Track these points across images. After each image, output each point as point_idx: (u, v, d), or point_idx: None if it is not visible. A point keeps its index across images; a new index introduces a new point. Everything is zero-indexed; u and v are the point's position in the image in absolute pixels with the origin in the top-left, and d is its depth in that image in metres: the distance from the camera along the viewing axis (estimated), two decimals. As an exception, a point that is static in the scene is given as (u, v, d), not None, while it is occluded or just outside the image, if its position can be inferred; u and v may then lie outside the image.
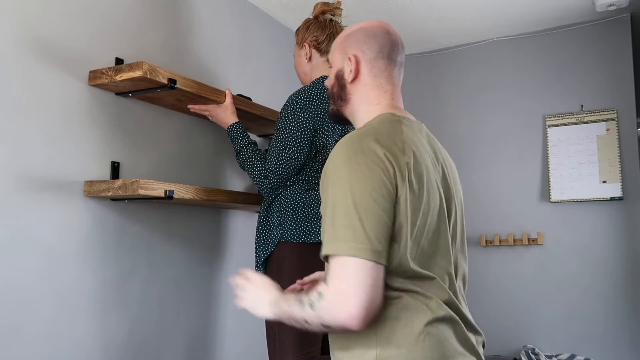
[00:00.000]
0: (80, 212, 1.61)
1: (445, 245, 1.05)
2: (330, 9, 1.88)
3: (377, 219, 0.93)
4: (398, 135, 1.04)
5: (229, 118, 1.85)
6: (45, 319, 1.50)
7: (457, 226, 1.13)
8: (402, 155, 1.00)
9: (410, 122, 1.12)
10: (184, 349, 1.96)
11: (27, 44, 1.49)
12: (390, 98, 1.16)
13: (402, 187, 0.97)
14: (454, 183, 1.15)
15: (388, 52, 1.16)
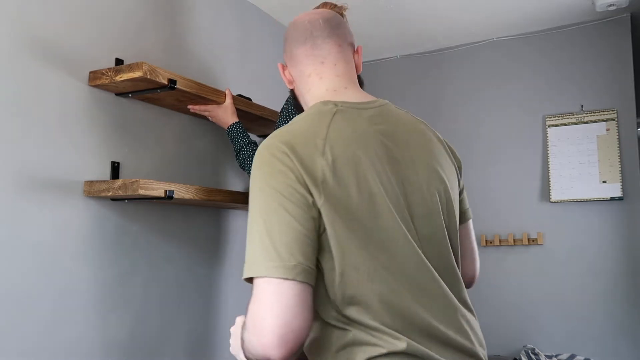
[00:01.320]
0: (80, 212, 1.61)
1: (403, 253, 0.90)
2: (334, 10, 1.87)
3: (288, 232, 0.81)
4: (319, 132, 0.91)
5: (229, 118, 1.86)
6: (45, 319, 1.50)
7: (433, 224, 0.96)
8: (318, 158, 0.87)
9: (347, 107, 0.98)
10: (184, 348, 1.97)
11: (27, 44, 1.50)
12: (317, 79, 1.05)
13: (319, 195, 0.84)
14: (426, 170, 0.99)
15: (305, 36, 1.06)
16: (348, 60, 1.08)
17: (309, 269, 0.82)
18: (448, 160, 1.06)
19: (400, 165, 0.95)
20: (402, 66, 3.24)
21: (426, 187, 0.96)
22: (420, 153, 0.99)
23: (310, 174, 0.85)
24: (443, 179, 1.00)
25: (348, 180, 0.87)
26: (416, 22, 2.76)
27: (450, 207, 1.00)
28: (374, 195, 0.89)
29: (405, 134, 1.00)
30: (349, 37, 1.10)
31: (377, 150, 0.93)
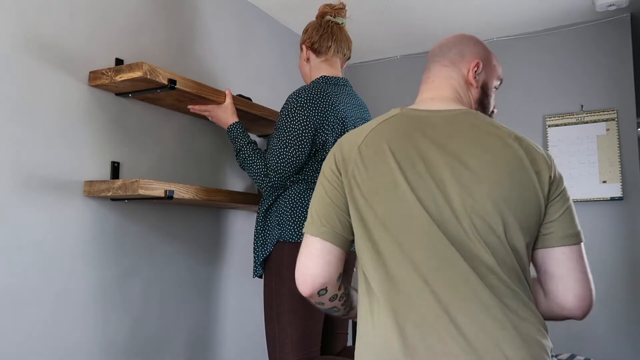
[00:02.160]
0: (80, 212, 1.61)
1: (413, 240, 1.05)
2: (331, 11, 1.88)
3: (323, 203, 1.08)
4: (368, 128, 1.11)
5: (229, 118, 1.86)
6: (45, 319, 1.50)
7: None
8: (355, 148, 1.08)
9: (408, 112, 1.15)
10: (184, 348, 1.97)
11: (27, 44, 1.50)
12: (420, 93, 1.22)
13: (346, 178, 1.07)
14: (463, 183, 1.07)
15: (429, 60, 1.25)
16: (450, 76, 1.17)
17: (334, 232, 1.06)
18: (519, 180, 1.00)
19: (435, 169, 1.01)
20: (402, 66, 3.24)
21: (457, 195, 0.99)
22: (467, 160, 1.01)
23: (345, 164, 1.07)
24: (481, 198, 0.98)
25: (375, 169, 1.04)
26: (416, 22, 2.76)
27: (485, 226, 0.98)
28: (395, 184, 1.01)
29: (460, 141, 1.03)
30: (465, 56, 1.18)
31: (408, 150, 1.03)
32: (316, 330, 1.67)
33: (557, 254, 1.03)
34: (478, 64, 1.17)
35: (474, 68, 1.16)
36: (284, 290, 1.65)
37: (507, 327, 0.92)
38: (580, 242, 1.04)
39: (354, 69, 3.38)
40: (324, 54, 1.85)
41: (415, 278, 0.95)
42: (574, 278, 1.03)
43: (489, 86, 1.20)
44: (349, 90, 1.86)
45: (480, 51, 1.20)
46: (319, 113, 1.69)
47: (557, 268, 1.03)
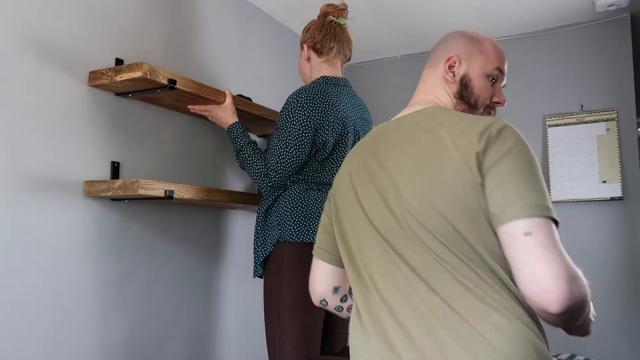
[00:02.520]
0: (81, 212, 1.61)
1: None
2: (334, 11, 1.88)
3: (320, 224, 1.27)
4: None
5: (229, 118, 1.86)
6: (45, 319, 1.50)
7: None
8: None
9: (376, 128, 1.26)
10: (184, 348, 1.97)
11: (27, 44, 1.50)
12: None
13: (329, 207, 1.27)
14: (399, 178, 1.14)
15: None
16: (431, 79, 1.18)
17: (320, 251, 1.22)
18: (441, 167, 0.96)
19: (376, 179, 1.07)
20: (402, 66, 3.24)
21: (393, 195, 1.03)
22: (397, 162, 1.05)
23: (334, 189, 1.20)
24: (400, 186, 1.01)
25: (344, 189, 1.15)
26: (416, 22, 2.76)
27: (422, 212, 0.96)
28: (352, 209, 1.11)
29: (395, 143, 1.08)
30: (444, 53, 1.17)
31: (361, 166, 1.12)
32: (316, 330, 1.67)
33: (501, 235, 0.89)
34: (450, 58, 1.15)
35: (447, 63, 1.15)
36: (284, 290, 1.65)
37: (449, 325, 0.89)
38: (527, 216, 0.86)
39: (354, 69, 3.38)
40: (325, 55, 1.85)
41: (372, 289, 1.02)
42: (523, 260, 0.86)
43: (471, 77, 1.14)
44: (349, 90, 1.86)
45: (461, 44, 1.16)
46: (319, 113, 1.69)
47: (507, 252, 0.89)
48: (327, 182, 1.74)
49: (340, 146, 1.75)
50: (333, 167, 1.75)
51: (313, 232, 1.66)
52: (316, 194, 1.71)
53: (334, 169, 1.75)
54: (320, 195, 1.72)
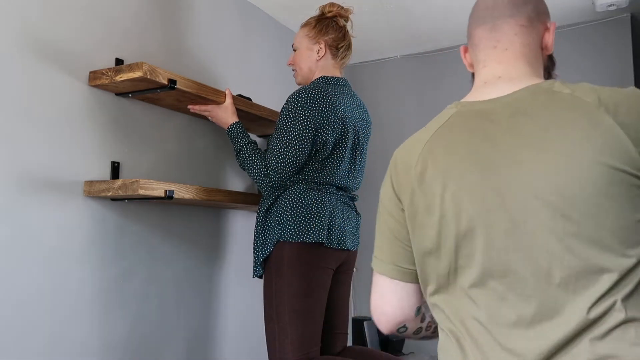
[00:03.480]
0: (81, 212, 1.61)
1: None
2: (346, 15, 1.89)
3: (385, 235, 1.03)
4: (423, 139, 0.98)
5: (229, 118, 1.86)
6: (45, 319, 1.50)
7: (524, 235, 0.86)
8: (412, 168, 0.97)
9: (467, 109, 0.97)
10: (184, 348, 1.97)
11: (28, 44, 1.50)
12: (481, 67, 1.00)
13: (405, 204, 0.99)
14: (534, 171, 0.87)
15: (486, 14, 1.00)
16: (527, 43, 0.94)
17: (400, 269, 0.97)
18: (588, 136, 0.77)
19: (499, 173, 0.83)
20: (402, 66, 3.24)
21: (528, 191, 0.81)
22: (527, 153, 0.81)
23: (402, 189, 0.94)
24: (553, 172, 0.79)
25: (433, 191, 0.88)
26: (416, 22, 2.76)
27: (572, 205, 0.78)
28: (458, 208, 0.85)
29: (526, 129, 0.83)
30: (541, 15, 0.96)
31: (470, 159, 0.86)
32: (316, 330, 1.67)
33: None
34: (555, 26, 0.97)
35: (553, 30, 0.97)
36: (284, 290, 1.65)
37: None
38: None
39: (354, 69, 3.38)
40: (338, 58, 1.87)
41: None
42: None
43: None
44: (349, 90, 1.86)
45: (547, 8, 0.99)
46: (320, 113, 1.69)
47: None
48: (327, 182, 1.74)
49: (340, 146, 1.76)
50: (333, 167, 1.75)
51: (313, 232, 1.66)
52: (316, 193, 1.71)
53: (334, 168, 1.75)
54: (320, 195, 1.72)
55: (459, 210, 0.85)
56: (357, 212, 1.90)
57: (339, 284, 1.84)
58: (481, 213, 0.83)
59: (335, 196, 1.77)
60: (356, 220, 1.87)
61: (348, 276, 1.89)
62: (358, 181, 1.87)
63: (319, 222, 1.67)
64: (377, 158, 3.23)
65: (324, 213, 1.69)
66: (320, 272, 1.69)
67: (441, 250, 0.88)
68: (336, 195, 1.77)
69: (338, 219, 1.74)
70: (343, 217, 1.77)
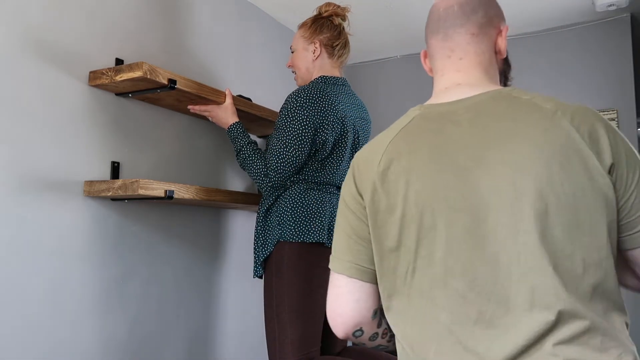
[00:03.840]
0: (80, 212, 1.61)
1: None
2: (342, 13, 1.89)
3: (344, 234, 1.01)
4: (384, 142, 0.98)
5: (229, 118, 1.86)
6: (45, 319, 1.50)
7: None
8: (373, 168, 0.97)
9: (430, 111, 0.97)
10: (184, 348, 1.97)
11: (27, 44, 1.50)
12: (439, 76, 1.00)
13: (367, 204, 0.99)
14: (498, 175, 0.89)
15: (439, 24, 1.01)
16: (481, 51, 0.95)
17: (359, 268, 0.94)
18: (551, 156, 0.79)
19: (464, 173, 0.84)
20: (402, 66, 3.24)
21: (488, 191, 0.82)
22: (502, 156, 0.82)
23: (363, 186, 0.93)
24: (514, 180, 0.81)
25: (396, 190, 0.88)
26: (416, 22, 2.76)
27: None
28: (421, 207, 0.86)
29: (488, 132, 0.85)
30: (493, 19, 0.96)
31: (434, 159, 0.87)
32: (316, 331, 1.67)
33: None
34: (507, 29, 0.97)
35: (506, 34, 0.97)
36: (284, 290, 1.65)
37: None
38: None
39: (354, 69, 3.38)
40: (335, 57, 1.86)
41: None
42: None
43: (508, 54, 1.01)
44: (348, 90, 1.86)
45: (501, 10, 0.99)
46: (319, 113, 1.69)
47: None
48: (327, 181, 1.74)
49: (339, 146, 1.76)
50: (333, 167, 1.75)
51: (313, 232, 1.66)
52: (316, 193, 1.71)
53: (334, 168, 1.75)
54: (320, 195, 1.72)
55: (422, 209, 0.85)
56: (357, 212, 1.90)
57: (339, 284, 1.84)
58: (443, 212, 0.84)
59: (336, 196, 1.77)
60: (356, 220, 1.87)
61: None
62: (358, 181, 1.87)
63: (319, 222, 1.67)
64: (377, 158, 3.23)
65: (324, 213, 1.69)
66: (320, 272, 1.69)
67: (401, 250, 0.87)
68: (336, 195, 1.77)
69: (338, 219, 1.74)
70: (343, 217, 1.77)
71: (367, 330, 0.96)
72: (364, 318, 0.94)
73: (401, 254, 0.88)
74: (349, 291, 0.94)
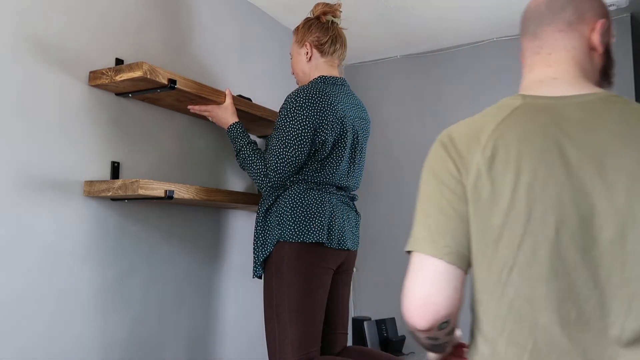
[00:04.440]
0: (80, 212, 1.61)
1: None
2: (331, 11, 1.89)
3: (442, 215, 0.91)
4: (487, 127, 0.92)
5: (229, 118, 1.86)
6: (45, 319, 1.50)
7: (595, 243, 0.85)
8: (477, 153, 0.91)
9: (535, 102, 0.95)
10: (184, 348, 1.97)
11: (27, 44, 1.50)
12: (528, 71, 1.00)
13: (469, 190, 0.91)
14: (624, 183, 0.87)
15: (527, 25, 1.02)
16: (571, 46, 0.94)
17: (458, 252, 0.86)
18: None
19: (576, 172, 0.82)
20: (402, 66, 3.24)
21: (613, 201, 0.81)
22: (616, 160, 0.82)
23: (466, 167, 0.88)
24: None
25: (503, 179, 0.85)
26: (416, 22, 2.76)
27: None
28: (531, 200, 0.83)
29: (602, 134, 0.84)
30: (585, 15, 0.96)
31: (547, 152, 0.84)
32: (316, 330, 1.67)
33: None
34: (604, 23, 0.95)
35: (601, 29, 0.95)
36: (284, 291, 1.65)
37: None
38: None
39: (354, 69, 3.38)
40: (328, 55, 1.86)
41: None
42: None
43: (612, 49, 0.98)
44: (347, 89, 1.86)
45: (599, 5, 0.97)
46: (318, 113, 1.69)
47: None
48: (326, 181, 1.74)
49: (339, 146, 1.76)
50: (332, 167, 1.75)
51: (313, 232, 1.66)
52: (316, 193, 1.71)
53: (333, 168, 1.75)
54: (320, 195, 1.71)
55: (531, 202, 0.82)
56: (357, 212, 1.90)
57: (339, 284, 1.85)
58: (554, 208, 0.81)
59: (335, 196, 1.77)
60: (356, 220, 1.87)
61: (348, 276, 1.89)
62: (357, 181, 1.88)
63: (319, 222, 1.67)
64: (376, 158, 3.23)
65: (323, 213, 1.69)
66: (320, 272, 1.69)
67: (500, 242, 0.84)
68: (336, 195, 1.77)
69: (338, 218, 1.74)
70: (343, 217, 1.77)
71: (452, 322, 0.89)
72: (455, 309, 0.87)
73: (500, 247, 0.84)
74: (447, 279, 0.85)
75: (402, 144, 3.16)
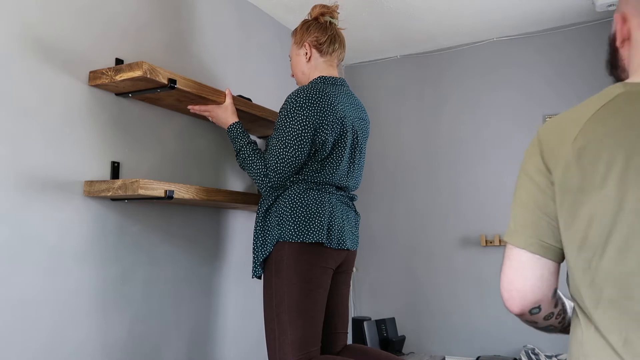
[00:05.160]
0: (80, 212, 1.61)
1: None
2: (329, 12, 1.90)
3: (528, 208, 0.94)
4: (582, 117, 0.89)
5: (229, 118, 1.86)
6: (45, 319, 1.50)
7: None
8: (567, 144, 0.89)
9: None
10: (184, 348, 1.97)
11: (28, 44, 1.50)
12: None
13: (556, 182, 0.91)
14: None
15: None
16: None
17: (542, 243, 0.90)
18: None
19: None
20: (402, 66, 3.25)
21: None
22: None
23: (554, 160, 0.88)
24: None
25: (593, 169, 0.83)
26: (416, 22, 2.76)
27: None
28: (624, 191, 0.80)
29: None
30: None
31: None
32: (316, 330, 1.67)
33: None
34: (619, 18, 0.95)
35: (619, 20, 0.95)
36: (283, 290, 1.65)
37: None
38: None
39: (353, 69, 3.38)
40: (328, 55, 1.86)
41: None
42: None
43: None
44: (347, 90, 1.86)
45: None
46: (318, 113, 1.69)
47: None
48: (326, 181, 1.74)
49: (339, 146, 1.76)
50: (332, 167, 1.75)
51: (313, 232, 1.66)
52: (316, 193, 1.71)
53: (333, 168, 1.75)
54: (319, 195, 1.72)
55: (624, 193, 0.79)
56: (357, 212, 1.90)
57: (339, 283, 1.85)
58: None
59: (335, 196, 1.77)
60: (356, 220, 1.87)
61: (348, 276, 1.89)
62: (357, 181, 1.88)
63: (318, 222, 1.67)
64: (376, 158, 3.23)
65: (323, 213, 1.69)
66: (320, 272, 1.69)
67: (590, 234, 0.83)
68: (336, 195, 1.78)
69: (338, 218, 1.74)
70: (343, 217, 1.77)
71: (545, 308, 0.94)
72: (544, 296, 0.92)
73: (589, 238, 0.83)
74: (531, 267, 0.91)
75: (402, 144, 3.16)
